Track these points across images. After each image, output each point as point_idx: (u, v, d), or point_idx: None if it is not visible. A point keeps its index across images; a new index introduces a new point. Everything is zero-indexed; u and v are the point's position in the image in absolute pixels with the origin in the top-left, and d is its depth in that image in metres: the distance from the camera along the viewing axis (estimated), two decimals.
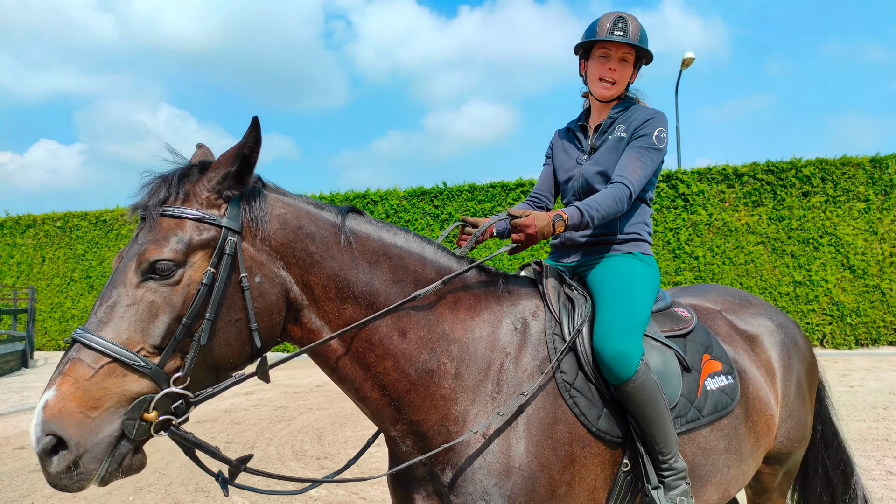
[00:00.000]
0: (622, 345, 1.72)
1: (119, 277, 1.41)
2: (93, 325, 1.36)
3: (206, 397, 1.45)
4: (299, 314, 1.57)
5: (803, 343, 2.46)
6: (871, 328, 13.14)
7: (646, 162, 1.98)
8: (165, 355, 1.38)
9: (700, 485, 1.90)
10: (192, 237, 1.43)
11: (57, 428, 1.27)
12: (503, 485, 1.59)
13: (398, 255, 1.69)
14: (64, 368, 1.33)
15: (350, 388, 1.66)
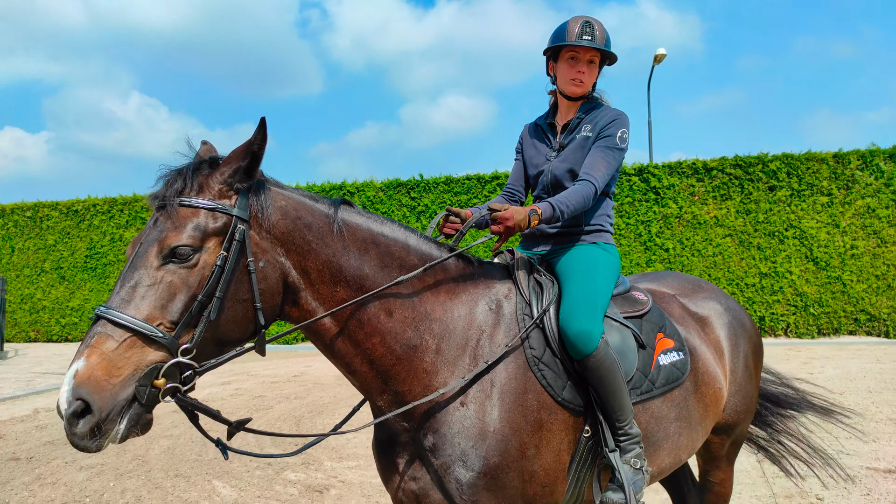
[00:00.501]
0: (584, 324, 1.90)
1: (140, 261, 1.54)
2: (116, 302, 1.50)
3: (210, 367, 1.59)
4: (297, 296, 1.72)
5: (750, 325, 2.67)
6: (832, 318, 13.61)
7: (609, 161, 2.16)
8: (180, 329, 1.52)
9: (653, 450, 2.10)
10: (207, 224, 1.57)
11: (85, 393, 1.41)
12: (479, 447, 1.76)
13: (385, 243, 1.85)
14: (91, 341, 1.46)
15: (341, 363, 1.81)
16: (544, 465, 1.83)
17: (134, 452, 6.08)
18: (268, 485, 5.04)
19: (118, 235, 17.18)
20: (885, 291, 13.37)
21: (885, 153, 13.51)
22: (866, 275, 13.44)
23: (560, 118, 2.37)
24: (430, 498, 1.82)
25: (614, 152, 2.18)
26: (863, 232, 13.51)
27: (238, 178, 1.63)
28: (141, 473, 5.41)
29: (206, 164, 1.67)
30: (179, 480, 5.20)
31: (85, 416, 1.42)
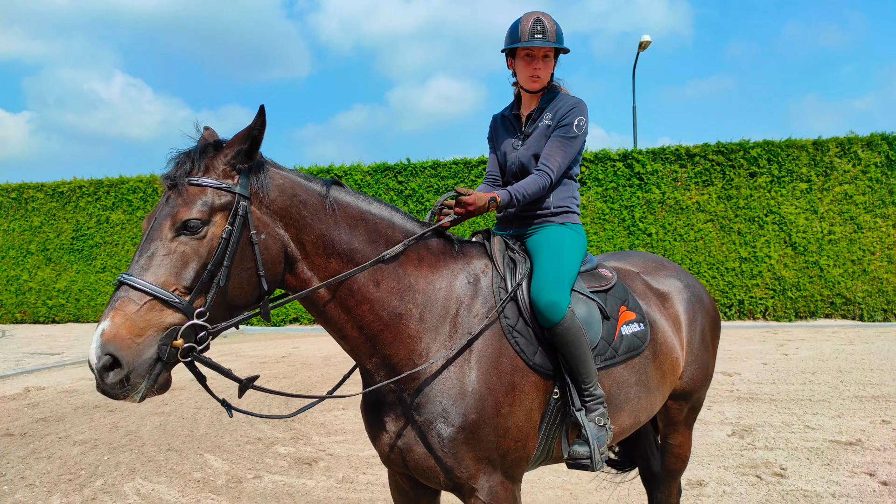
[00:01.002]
0: (553, 296, 2.10)
1: (155, 233, 1.71)
2: (136, 270, 1.67)
3: (222, 329, 1.76)
4: (294, 266, 1.89)
5: (708, 301, 2.88)
6: (809, 302, 13.97)
7: (566, 150, 2.35)
8: (194, 295, 1.69)
9: (615, 411, 2.30)
10: (213, 201, 1.74)
11: (113, 349, 1.57)
12: (459, 405, 1.95)
13: (373, 220, 2.03)
14: (115, 304, 1.63)
15: (334, 328, 1.99)
16: (517, 423, 2.02)
17: (126, 428, 6.23)
18: (258, 458, 5.22)
19: (104, 217, 17.17)
20: (861, 276, 13.72)
21: (862, 141, 13.80)
22: (843, 259, 13.79)
23: (524, 109, 2.55)
24: (414, 452, 2.00)
25: (571, 140, 2.37)
26: (840, 218, 13.83)
27: (240, 159, 1.80)
28: (134, 448, 5.57)
29: (210, 146, 1.83)
30: (172, 454, 5.37)
31: (114, 369, 1.59)
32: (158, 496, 4.41)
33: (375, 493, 4.37)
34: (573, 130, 2.37)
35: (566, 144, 2.35)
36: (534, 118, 2.48)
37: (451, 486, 2.00)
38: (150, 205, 16.89)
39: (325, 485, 4.56)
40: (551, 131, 2.39)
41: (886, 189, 13.66)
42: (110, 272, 17.09)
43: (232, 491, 4.48)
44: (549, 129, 2.40)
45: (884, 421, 5.81)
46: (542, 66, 2.41)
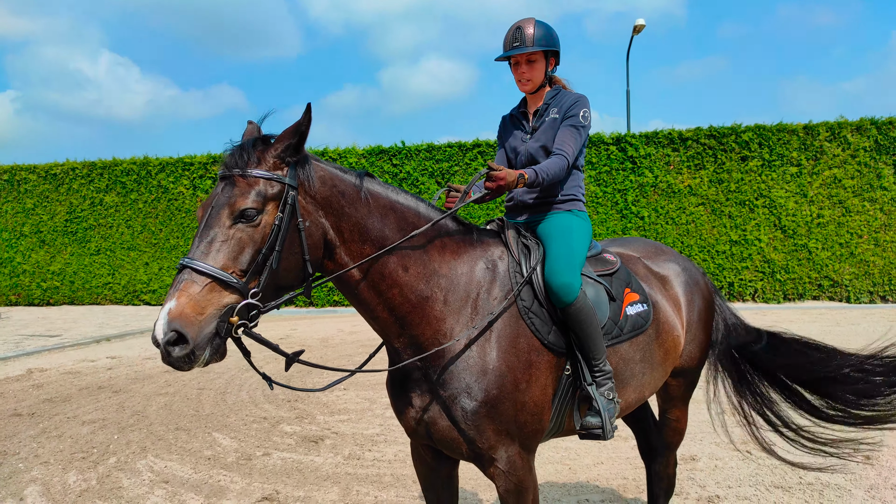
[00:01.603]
0: (566, 277, 2.25)
1: (213, 220, 1.84)
2: (197, 255, 1.80)
3: (271, 308, 1.90)
4: (333, 252, 2.03)
5: (703, 284, 3.04)
6: (797, 284, 14.23)
7: (576, 138, 2.50)
8: (249, 277, 1.83)
9: (622, 386, 2.46)
10: (266, 191, 1.87)
11: (178, 326, 1.70)
12: (481, 381, 2.11)
13: (401, 209, 2.17)
14: (179, 286, 1.76)
15: (366, 310, 2.13)
16: (533, 397, 2.17)
17: (132, 409, 6.37)
18: (265, 436, 5.37)
19: (98, 199, 17.13)
20: (848, 259, 13.99)
21: (852, 125, 13.99)
22: (831, 243, 14.04)
23: (530, 107, 2.71)
24: (438, 424, 2.15)
25: (580, 130, 2.52)
26: (829, 201, 14.06)
27: (289, 153, 1.94)
28: (143, 427, 5.71)
29: (260, 140, 1.96)
30: (180, 433, 5.51)
31: (179, 344, 1.72)
32: (172, 472, 4.56)
33: (382, 469, 4.54)
34: (580, 121, 2.52)
35: (575, 133, 2.50)
36: (540, 113, 2.63)
37: (473, 456, 2.15)
38: (143, 187, 16.88)
39: (333, 461, 4.72)
40: (559, 123, 2.54)
41: (875, 173, 13.87)
42: (105, 255, 17.10)
43: (242, 467, 4.63)
44: (557, 123, 2.55)
45: None
46: (528, 69, 2.57)
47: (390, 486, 4.24)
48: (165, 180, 16.80)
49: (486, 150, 15.26)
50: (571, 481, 4.25)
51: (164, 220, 16.78)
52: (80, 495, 4.18)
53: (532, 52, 2.53)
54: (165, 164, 16.85)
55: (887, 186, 13.82)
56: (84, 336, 11.38)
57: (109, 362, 9.00)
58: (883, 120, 13.90)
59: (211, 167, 16.56)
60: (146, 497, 4.14)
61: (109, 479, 4.46)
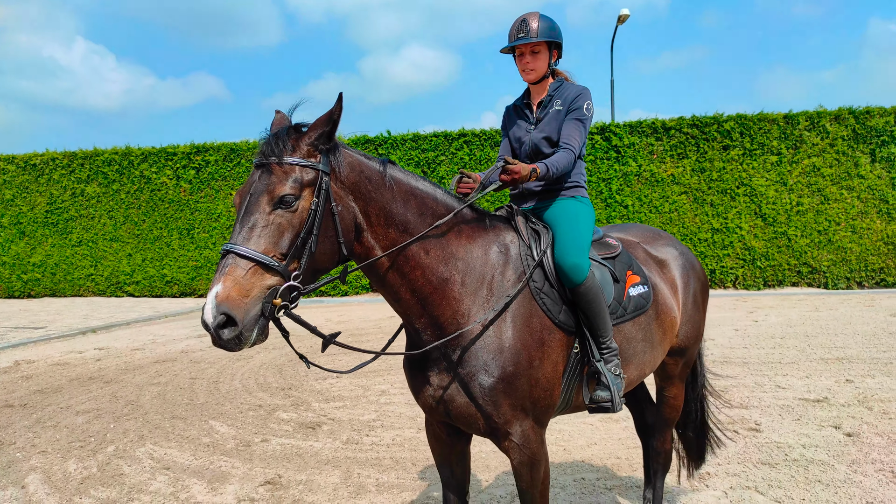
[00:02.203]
0: (576, 259, 2.36)
1: (253, 207, 1.90)
2: (239, 240, 1.86)
3: (311, 290, 1.97)
4: (361, 235, 2.10)
5: (699, 267, 3.17)
6: (777, 271, 14.52)
7: (581, 130, 2.60)
8: (289, 260, 1.90)
9: (625, 364, 2.58)
10: (303, 178, 1.94)
11: (226, 309, 1.77)
12: (497, 359, 2.20)
13: (421, 195, 2.26)
14: (225, 270, 1.82)
15: (390, 292, 2.21)
16: (546, 374, 2.27)
17: (126, 398, 6.37)
18: (262, 423, 5.43)
19: (79, 190, 16.92)
20: (826, 246, 14.29)
21: (830, 114, 14.25)
22: (810, 230, 14.33)
23: (534, 98, 2.79)
24: (456, 401, 2.24)
25: (584, 122, 2.63)
26: (808, 190, 14.33)
27: (322, 141, 2.01)
28: (138, 416, 5.73)
29: (292, 129, 2.02)
30: (177, 422, 5.55)
31: (228, 326, 1.79)
32: (172, 459, 4.60)
33: (381, 453, 4.62)
34: (584, 113, 2.62)
35: (580, 126, 2.61)
36: (544, 105, 2.72)
37: (489, 430, 2.25)
38: (125, 177, 16.70)
39: (332, 446, 4.80)
40: (563, 115, 2.64)
41: (852, 162, 14.17)
42: (87, 246, 16.92)
43: (242, 453, 4.69)
44: (561, 115, 2.64)
45: (847, 380, 6.24)
46: (532, 60, 2.66)
47: (390, 468, 4.32)
48: (148, 170, 16.63)
49: (472, 140, 15.32)
50: (567, 461, 4.37)
51: (147, 210, 16.62)
52: (83, 482, 4.21)
53: (536, 43, 2.62)
54: (148, 154, 16.67)
55: (864, 175, 14.12)
56: (69, 328, 11.29)
57: (98, 353, 8.96)
58: (860, 109, 14.18)
59: (194, 157, 16.43)
60: (149, 483, 4.18)
61: (110, 466, 4.49)
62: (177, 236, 16.50)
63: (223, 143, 16.38)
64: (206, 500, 3.89)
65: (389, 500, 3.83)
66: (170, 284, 16.58)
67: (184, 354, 8.73)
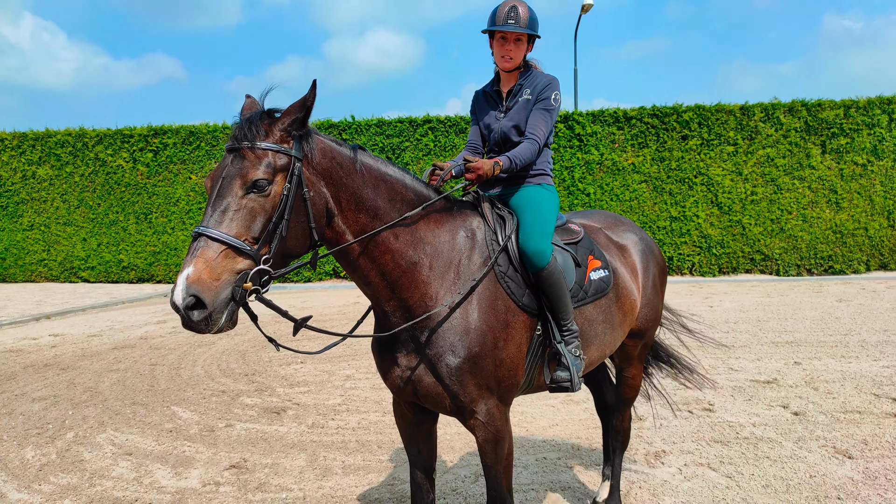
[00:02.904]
0: (540, 244, 2.43)
1: (226, 190, 1.89)
2: (211, 223, 1.85)
3: (282, 274, 1.98)
4: (332, 220, 2.12)
5: (658, 253, 3.28)
6: (732, 258, 14.98)
7: (548, 120, 2.66)
8: (260, 244, 1.90)
9: (586, 344, 2.67)
10: (276, 163, 1.94)
11: (196, 291, 1.77)
12: (464, 340, 2.26)
13: (391, 181, 2.28)
14: (196, 253, 1.82)
15: (360, 275, 2.24)
16: (510, 354, 2.34)
17: (84, 385, 6.25)
18: (226, 409, 5.40)
19: (31, 172, 16.34)
20: (779, 234, 14.79)
21: (785, 106, 14.69)
22: (763, 219, 14.80)
23: (504, 86, 2.83)
24: (424, 381, 2.29)
25: (551, 112, 2.69)
26: (762, 179, 14.78)
27: (295, 127, 2.01)
28: (97, 403, 5.64)
29: (265, 115, 2.02)
30: (138, 408, 5.48)
31: (198, 308, 1.79)
32: (134, 445, 4.56)
33: (347, 436, 4.66)
34: (551, 103, 2.67)
35: (547, 116, 2.66)
36: (514, 93, 2.76)
37: (455, 409, 2.30)
38: (79, 160, 16.20)
39: (297, 430, 4.81)
40: (532, 104, 2.68)
41: (804, 153, 14.65)
42: (39, 230, 16.39)
43: (206, 438, 4.67)
44: (530, 104, 2.69)
45: (796, 362, 6.52)
46: (514, 48, 2.68)
47: (356, 451, 4.37)
48: (103, 153, 16.16)
49: (437, 126, 15.31)
50: (529, 442, 4.48)
51: (103, 194, 16.17)
52: (41, 469, 4.14)
53: (522, 33, 2.65)
54: (103, 136, 16.19)
55: (815, 165, 14.63)
56: (21, 314, 10.97)
57: (53, 340, 8.74)
58: (812, 102, 14.65)
59: (151, 139, 16.02)
60: (111, 469, 4.14)
61: (70, 452, 4.43)
62: (134, 221, 16.12)
63: (182, 126, 16.02)
64: (171, 485, 3.88)
65: (356, 481, 3.88)
66: (127, 270, 16.21)
67: (143, 341, 8.58)
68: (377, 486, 3.80)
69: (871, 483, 3.66)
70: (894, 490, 3.56)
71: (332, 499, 3.65)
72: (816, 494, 3.54)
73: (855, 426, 4.58)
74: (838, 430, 4.52)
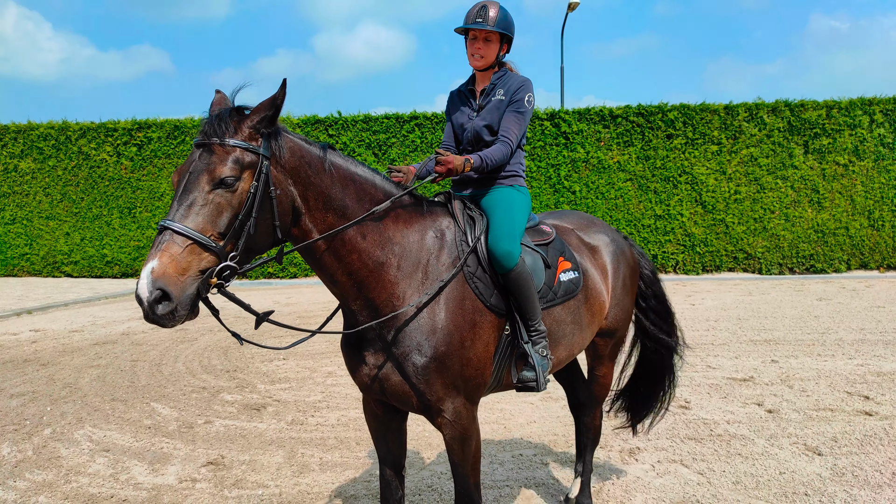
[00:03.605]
0: (508, 246, 2.45)
1: (193, 185, 1.90)
2: (177, 217, 1.85)
3: (246, 270, 2.00)
4: (299, 219, 2.13)
5: (629, 253, 3.32)
6: (715, 256, 15.12)
7: (520, 122, 2.69)
8: (227, 241, 1.91)
9: (554, 345, 2.70)
10: (244, 160, 1.95)
11: (162, 285, 1.77)
12: (431, 339, 2.28)
13: (360, 181, 2.30)
14: (161, 246, 1.82)
15: (326, 274, 2.25)
16: (477, 354, 2.37)
17: (63, 381, 6.23)
18: (206, 405, 5.40)
19: (12, 165, 16.17)
20: (761, 233, 14.94)
21: (768, 106, 14.83)
22: (746, 218, 14.94)
23: (478, 85, 2.86)
24: (391, 380, 2.31)
25: (524, 115, 2.72)
26: (745, 179, 14.92)
27: (264, 125, 2.02)
28: (76, 399, 5.62)
29: (235, 112, 2.03)
30: (117, 404, 5.46)
31: (163, 302, 1.79)
32: (112, 441, 4.55)
33: (325, 433, 4.68)
34: (524, 105, 2.70)
35: (520, 118, 2.69)
36: (487, 92, 2.79)
37: (422, 407, 2.33)
38: (62, 153, 16.05)
39: (276, 427, 4.83)
40: (505, 106, 2.71)
41: (787, 152, 14.80)
42: (21, 224, 16.23)
43: (185, 435, 4.67)
44: (503, 104, 2.71)
45: (773, 360, 6.61)
46: (483, 46, 2.71)
47: (334, 448, 4.39)
48: (87, 146, 16.01)
49: (424, 123, 15.31)
50: (507, 438, 4.52)
51: (86, 188, 16.03)
52: (17, 465, 4.13)
53: (490, 32, 2.68)
54: (87, 130, 16.04)
55: (798, 165, 14.78)
56: (2, 309, 10.87)
57: (33, 335, 8.68)
58: (795, 102, 14.80)
59: (136, 133, 15.90)
60: (87, 465, 4.14)
61: (46, 449, 4.41)
62: (117, 215, 16.00)
63: (166, 120, 15.91)
64: (147, 482, 3.88)
65: (332, 478, 3.90)
66: (110, 265, 16.09)
67: (125, 336, 8.55)
68: (353, 483, 3.83)
69: (838, 479, 3.73)
70: (860, 486, 3.64)
71: (308, 495, 3.67)
72: (784, 491, 3.61)
73: (826, 423, 4.66)
74: (810, 427, 4.60)
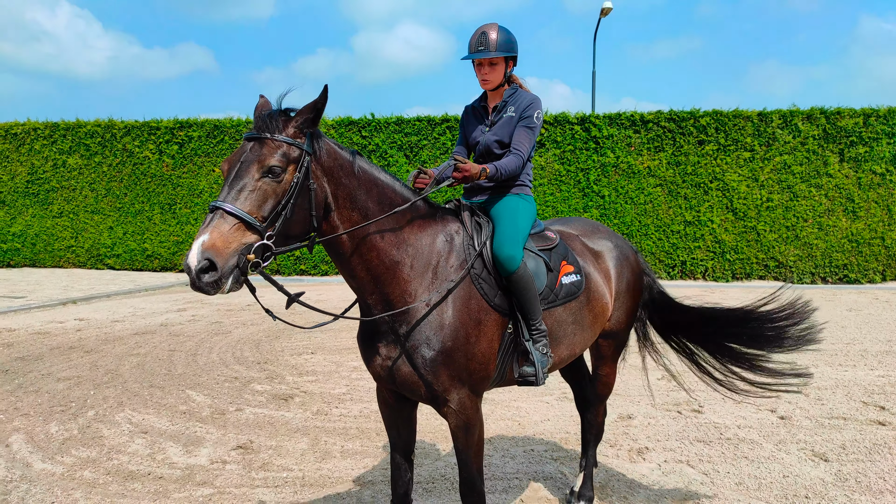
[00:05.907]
0: (511, 251, 2.66)
1: (244, 172, 2.15)
2: (228, 199, 2.10)
3: (281, 252, 2.21)
4: (329, 214, 2.37)
5: (633, 259, 3.48)
6: (745, 264, 14.99)
7: (530, 137, 2.90)
8: (268, 223, 2.15)
9: (555, 344, 2.89)
10: (290, 154, 2.20)
11: (210, 255, 2.01)
12: (439, 334, 2.50)
13: (382, 186, 2.54)
14: (212, 223, 2.06)
15: (347, 269, 2.48)
16: (481, 349, 2.58)
17: (105, 367, 6.61)
18: (238, 394, 5.71)
19: (61, 161, 16.91)
20: (794, 241, 14.77)
21: (803, 114, 14.66)
22: (778, 225, 14.79)
23: (490, 101, 3.08)
24: (401, 370, 2.54)
25: (533, 130, 2.93)
26: (778, 186, 14.77)
27: (306, 125, 2.27)
28: (117, 384, 5.98)
29: (282, 113, 2.28)
30: (155, 390, 5.81)
31: (209, 271, 2.02)
32: (150, 424, 4.87)
33: (348, 423, 4.93)
34: (534, 122, 2.91)
35: (530, 133, 2.90)
36: (499, 109, 3.00)
37: (430, 397, 2.55)
38: (108, 150, 16.71)
39: (302, 416, 5.10)
40: (515, 122, 2.92)
41: (822, 160, 14.61)
42: (67, 217, 16.95)
43: (217, 421, 4.97)
44: (513, 121, 2.93)
45: None
46: (490, 71, 2.92)
47: (355, 437, 4.63)
48: (131, 144, 16.65)
49: (454, 126, 15.53)
50: (520, 435, 4.71)
51: (129, 184, 16.67)
52: (64, 443, 4.48)
53: (496, 57, 2.88)
54: (131, 128, 16.69)
55: (832, 174, 14.58)
56: (49, 298, 11.43)
57: (78, 324, 9.15)
58: (832, 110, 14.60)
59: (177, 132, 16.48)
60: (127, 445, 4.46)
61: (90, 429, 4.76)
62: (158, 211, 16.59)
63: (207, 119, 16.45)
64: (181, 461, 4.18)
65: (352, 464, 4.14)
66: (150, 258, 16.70)
67: (163, 327, 8.95)
68: (371, 470, 4.06)
69: (840, 484, 3.82)
70: (861, 491, 3.73)
71: (329, 479, 3.91)
72: (786, 493, 3.72)
73: (837, 431, 4.73)
74: (820, 434, 4.67)
